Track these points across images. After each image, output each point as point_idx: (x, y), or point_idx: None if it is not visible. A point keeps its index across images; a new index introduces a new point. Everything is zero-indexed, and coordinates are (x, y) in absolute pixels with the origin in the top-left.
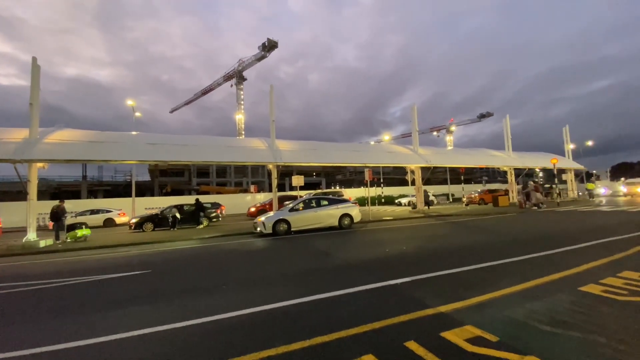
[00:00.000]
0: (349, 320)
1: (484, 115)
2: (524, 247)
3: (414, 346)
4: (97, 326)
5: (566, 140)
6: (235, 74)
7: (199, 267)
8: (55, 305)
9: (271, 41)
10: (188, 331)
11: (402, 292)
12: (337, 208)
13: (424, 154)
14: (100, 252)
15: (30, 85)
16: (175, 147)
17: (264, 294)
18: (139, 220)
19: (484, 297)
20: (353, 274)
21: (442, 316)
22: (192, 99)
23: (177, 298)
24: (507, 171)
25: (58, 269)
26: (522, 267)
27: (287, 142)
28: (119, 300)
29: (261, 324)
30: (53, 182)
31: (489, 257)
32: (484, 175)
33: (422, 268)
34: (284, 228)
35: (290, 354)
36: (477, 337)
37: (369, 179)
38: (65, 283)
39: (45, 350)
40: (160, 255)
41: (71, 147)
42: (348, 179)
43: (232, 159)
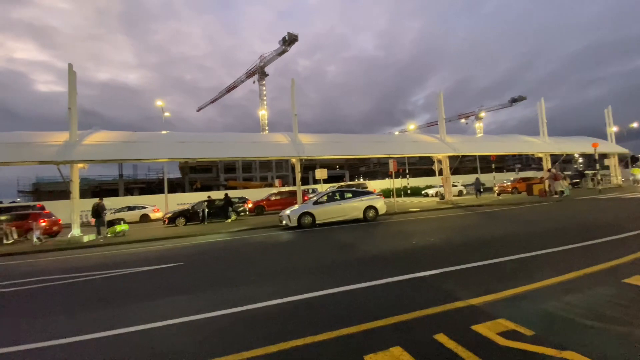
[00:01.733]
0: (375, 312)
1: (516, 99)
2: (561, 238)
3: (443, 339)
4: (137, 315)
5: (608, 122)
6: (257, 70)
7: (229, 259)
8: (99, 296)
9: (291, 35)
10: (221, 320)
11: (430, 285)
12: (362, 200)
13: (451, 143)
14: (138, 246)
15: (67, 91)
16: (203, 144)
17: (291, 285)
18: (172, 215)
19: (517, 289)
20: (379, 266)
21: (473, 309)
22: (217, 97)
23: (209, 289)
24: (543, 158)
25: (101, 262)
26: (559, 259)
27: (309, 136)
28: (156, 291)
29: (289, 315)
30: (93, 181)
31: (522, 248)
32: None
33: (451, 260)
34: (308, 221)
35: (317, 344)
36: (511, 330)
37: (394, 170)
38: (108, 275)
39: (89, 337)
40: (193, 248)
41: (108, 147)
42: (372, 170)
43: (256, 154)
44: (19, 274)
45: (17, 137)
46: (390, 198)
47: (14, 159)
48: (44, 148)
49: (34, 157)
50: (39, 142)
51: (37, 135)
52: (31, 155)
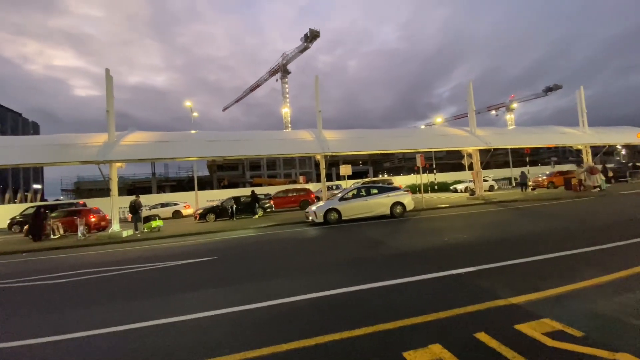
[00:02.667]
0: (410, 309)
1: (551, 88)
2: (606, 234)
3: (485, 338)
4: (178, 307)
5: None
6: (279, 67)
7: (260, 254)
8: (134, 288)
9: (313, 31)
10: (257, 313)
11: (466, 282)
12: (388, 196)
13: (482, 135)
14: (173, 240)
15: (105, 95)
16: (231, 142)
17: (322, 280)
18: (203, 211)
19: (562, 288)
20: (411, 263)
21: (515, 308)
22: (241, 97)
23: (243, 282)
24: (582, 150)
25: (140, 256)
26: (605, 257)
27: (333, 132)
28: (192, 283)
29: (323, 309)
30: (128, 179)
31: (564, 245)
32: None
33: (488, 257)
34: (334, 217)
35: (355, 339)
36: (558, 331)
37: (422, 164)
38: (148, 268)
39: (137, 326)
40: (224, 243)
41: (143, 147)
42: (396, 166)
43: (282, 151)
44: (67, 267)
45: (61, 140)
46: (417, 194)
47: (60, 159)
48: (86, 149)
49: (77, 157)
50: (81, 143)
51: (79, 137)
52: (75, 156)
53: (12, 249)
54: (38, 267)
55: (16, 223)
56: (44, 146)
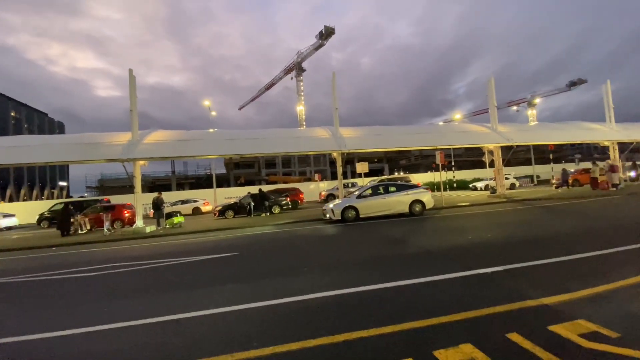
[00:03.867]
0: (438, 308)
1: (575, 82)
2: (635, 234)
3: (517, 338)
4: (204, 300)
5: None
6: (294, 66)
7: (280, 250)
8: (162, 282)
9: (328, 28)
10: (282, 309)
11: (494, 282)
12: (407, 194)
13: (504, 132)
14: (194, 236)
15: (128, 95)
16: (248, 141)
17: (344, 277)
18: (222, 208)
19: (595, 289)
20: (434, 262)
21: (547, 308)
22: (256, 95)
23: (267, 278)
24: (610, 146)
25: (164, 251)
26: (636, 257)
27: (350, 129)
28: (218, 278)
29: (348, 306)
30: (148, 177)
31: (594, 245)
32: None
33: (515, 257)
34: (352, 215)
35: (383, 336)
36: (593, 332)
37: (441, 162)
38: (171, 263)
39: (163, 319)
40: (244, 239)
41: (165, 146)
42: (413, 163)
43: (298, 149)
44: (97, 260)
45: (87, 139)
46: (435, 192)
47: (87, 157)
48: (111, 147)
49: (102, 155)
50: (106, 142)
51: (104, 136)
52: (100, 154)
53: (43, 243)
54: (71, 261)
55: (45, 219)
56: (70, 145)
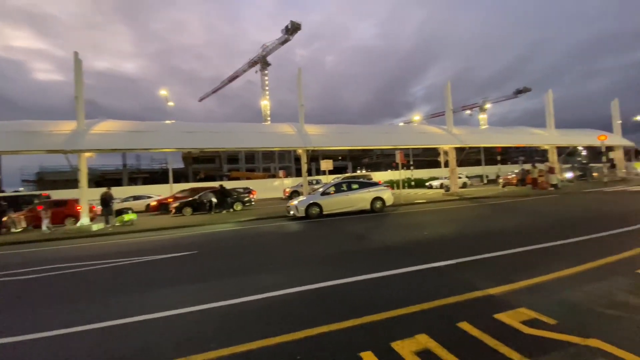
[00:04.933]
0: (395, 300)
1: (521, 90)
2: (571, 229)
3: (467, 327)
4: (158, 302)
5: (615, 115)
6: (259, 59)
7: (242, 248)
8: (112, 284)
9: (294, 23)
10: (242, 307)
11: (447, 274)
12: (369, 191)
13: (458, 134)
14: (148, 234)
15: (74, 80)
16: (209, 134)
17: (308, 274)
18: (179, 204)
19: (535, 279)
20: (393, 256)
21: (493, 298)
22: (219, 87)
23: (227, 277)
24: (549, 150)
25: (112, 251)
26: (572, 250)
27: (315, 126)
28: (174, 278)
29: (310, 302)
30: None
31: (535, 239)
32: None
33: (465, 251)
34: (316, 211)
35: (343, 331)
36: (534, 319)
37: (401, 161)
38: (123, 263)
39: (111, 324)
40: (204, 237)
41: (115, 137)
42: (375, 162)
43: (263, 144)
44: (37, 261)
45: (25, 127)
46: (395, 189)
47: (24, 147)
48: (52, 137)
49: (42, 146)
50: (46, 131)
51: (43, 125)
52: (40, 144)
53: None
54: (4, 262)
55: None
56: (4, 133)
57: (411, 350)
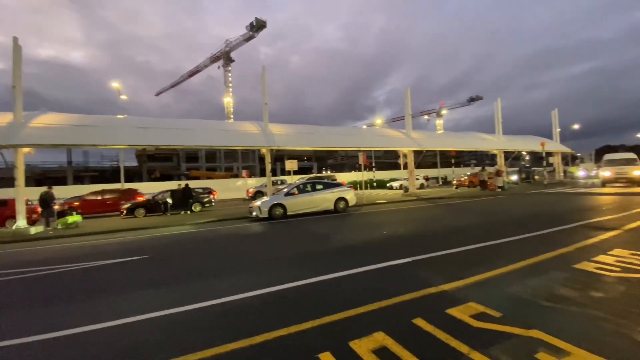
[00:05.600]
0: (355, 299)
1: (474, 98)
2: (516, 228)
3: (421, 323)
4: (103, 312)
5: (554, 123)
6: (222, 55)
7: (200, 251)
8: (52, 292)
9: (259, 21)
10: (197, 314)
11: (404, 272)
12: (333, 192)
13: (416, 138)
14: (94, 238)
15: (11, 68)
16: (165, 130)
17: (269, 276)
18: (131, 205)
19: (483, 275)
20: (354, 256)
21: (446, 294)
22: (178, 82)
23: (182, 282)
24: (497, 154)
25: (52, 256)
26: (516, 247)
27: (279, 126)
28: (121, 285)
29: (271, 306)
30: (36, 168)
31: (484, 237)
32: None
33: (421, 249)
34: (280, 212)
35: (302, 333)
36: (481, 313)
37: (363, 162)
38: (65, 269)
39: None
40: (158, 240)
41: (58, 131)
42: (339, 163)
43: (224, 143)
44: None
45: None
46: (358, 190)
47: None
48: None
49: None
50: None
51: None
52: None
53: None
54: None
55: None
56: None
57: (369, 349)
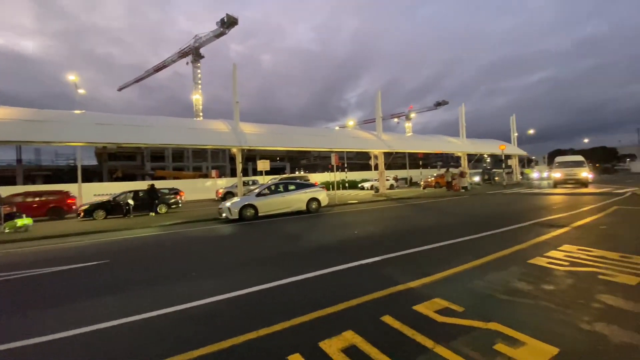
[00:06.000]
0: (325, 299)
1: (440, 103)
2: (477, 226)
3: (389, 320)
4: (58, 321)
5: (513, 128)
6: (191, 50)
7: (164, 255)
8: (6, 301)
9: (231, 17)
10: (162, 320)
11: (374, 271)
12: (305, 192)
13: (387, 140)
14: (47, 242)
15: None
16: (128, 128)
17: (238, 279)
18: (89, 207)
19: (447, 272)
20: (326, 256)
21: (412, 291)
22: (143, 77)
23: (145, 287)
24: (462, 157)
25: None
26: (479, 244)
27: (251, 125)
28: (75, 293)
29: (239, 309)
30: None
31: (449, 235)
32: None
33: (391, 247)
34: (251, 213)
35: (272, 335)
36: (445, 308)
37: (336, 163)
38: (9, 277)
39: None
40: (118, 244)
41: (7, 126)
42: (312, 163)
43: (193, 141)
44: None
45: None
46: (330, 190)
47: None
48: None
49: None
50: None
51: None
52: None
53: None
54: None
55: None
56: None
57: (338, 348)
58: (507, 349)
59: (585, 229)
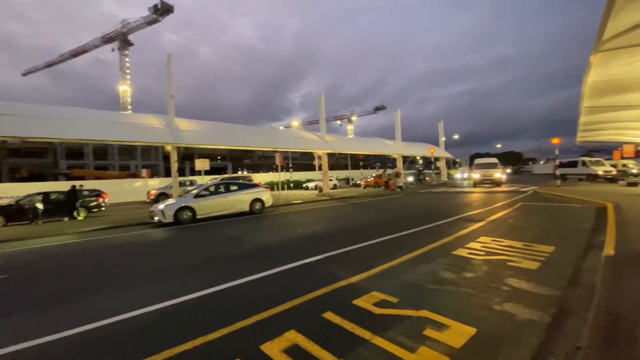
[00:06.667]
0: (268, 301)
1: (379, 108)
2: (411, 223)
3: (330, 316)
4: None
5: (441, 133)
6: (118, 36)
7: (81, 266)
8: None
9: (165, 4)
10: (74, 341)
11: (316, 269)
12: (248, 193)
13: (330, 141)
14: None
15: None
16: (35, 119)
17: (170, 287)
18: None
19: (384, 266)
20: (268, 257)
21: (352, 286)
22: (56, 61)
23: (56, 304)
24: (397, 158)
25: None
26: (410, 239)
27: (188, 122)
28: None
29: (173, 320)
30: None
31: (385, 232)
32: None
33: (333, 245)
34: (188, 216)
35: (211, 343)
36: (382, 300)
37: (280, 163)
38: None
39: None
40: (21, 256)
41: None
42: (256, 163)
43: (120, 137)
44: None
45: None
46: (275, 191)
47: None
48: None
49: None
50: None
51: None
52: None
53: None
54: None
55: None
56: None
57: (280, 349)
58: (435, 333)
59: (497, 223)
